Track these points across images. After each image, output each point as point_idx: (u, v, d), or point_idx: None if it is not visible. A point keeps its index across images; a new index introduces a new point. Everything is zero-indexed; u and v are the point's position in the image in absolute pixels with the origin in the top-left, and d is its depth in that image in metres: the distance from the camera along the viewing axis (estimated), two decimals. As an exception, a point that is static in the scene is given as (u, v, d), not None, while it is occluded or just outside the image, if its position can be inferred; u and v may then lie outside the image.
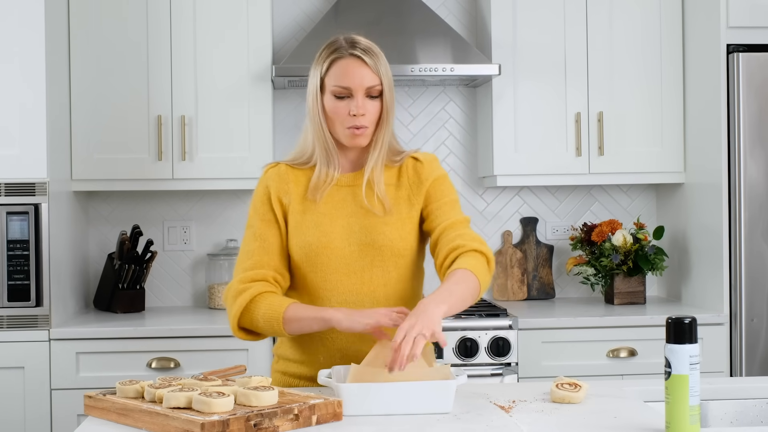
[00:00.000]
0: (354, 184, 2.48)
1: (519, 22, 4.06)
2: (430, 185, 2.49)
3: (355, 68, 2.40)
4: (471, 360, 3.67)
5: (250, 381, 2.12)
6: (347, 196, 2.47)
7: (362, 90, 2.40)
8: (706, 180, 3.92)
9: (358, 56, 2.41)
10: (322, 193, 2.46)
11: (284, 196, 2.48)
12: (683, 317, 1.85)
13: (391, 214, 2.45)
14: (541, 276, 4.38)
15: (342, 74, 2.41)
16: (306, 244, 2.43)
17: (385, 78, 2.43)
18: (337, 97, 2.41)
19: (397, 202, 2.47)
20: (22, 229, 3.52)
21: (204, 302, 4.30)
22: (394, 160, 2.51)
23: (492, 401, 2.22)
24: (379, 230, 2.42)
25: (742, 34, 3.77)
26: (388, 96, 2.44)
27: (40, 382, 3.54)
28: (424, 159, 2.53)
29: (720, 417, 2.31)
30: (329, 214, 2.45)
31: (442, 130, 4.42)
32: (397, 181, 2.49)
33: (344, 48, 2.42)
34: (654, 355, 3.74)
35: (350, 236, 2.43)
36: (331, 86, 2.41)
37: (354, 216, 2.44)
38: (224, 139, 3.94)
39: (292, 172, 2.51)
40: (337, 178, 2.48)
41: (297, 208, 2.47)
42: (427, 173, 2.50)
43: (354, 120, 2.40)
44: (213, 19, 3.94)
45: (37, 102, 3.53)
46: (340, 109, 2.41)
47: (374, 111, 2.43)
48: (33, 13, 3.52)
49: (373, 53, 2.43)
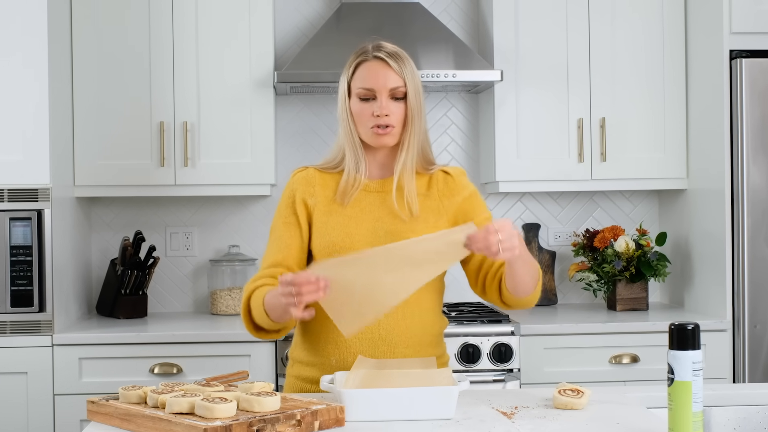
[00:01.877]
0: (383, 190, 2.49)
1: (521, 28, 4.07)
2: (464, 201, 2.52)
3: (378, 70, 2.44)
4: (473, 366, 3.66)
5: (253, 386, 2.12)
6: (375, 201, 2.48)
7: (385, 91, 2.43)
8: (709, 186, 3.92)
9: (381, 59, 2.45)
10: (350, 197, 2.48)
11: (309, 198, 2.50)
12: (686, 323, 1.85)
13: (419, 221, 2.46)
14: (544, 282, 4.38)
15: (366, 76, 2.45)
16: (330, 244, 2.44)
17: (410, 81, 2.45)
18: (362, 99, 2.45)
19: (425, 211, 2.48)
20: (25, 234, 3.53)
21: (206, 308, 4.30)
22: (426, 168, 2.54)
23: (494, 407, 2.21)
24: (405, 236, 2.42)
25: (745, 39, 3.77)
26: (413, 99, 2.45)
27: (43, 387, 3.54)
28: (454, 173, 2.56)
29: (723, 423, 2.31)
30: (356, 217, 2.46)
31: (444, 136, 4.42)
32: (427, 191, 2.51)
33: (369, 52, 2.47)
34: (656, 362, 3.74)
35: (375, 240, 2.43)
36: (356, 89, 2.46)
37: (380, 221, 2.46)
38: (226, 146, 3.95)
39: (320, 176, 2.53)
40: (365, 182, 2.49)
41: (323, 209, 2.48)
42: (458, 187, 2.53)
43: (377, 120, 2.43)
44: (215, 25, 3.95)
45: (40, 108, 3.54)
46: (364, 110, 2.44)
47: (399, 112, 2.45)
48: (36, 19, 3.53)
49: (399, 57, 2.46)
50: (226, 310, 4.10)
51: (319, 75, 3.85)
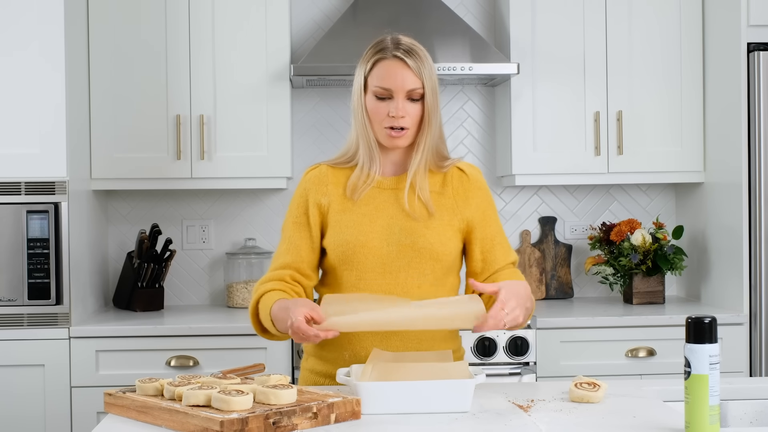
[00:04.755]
0: (396, 188, 2.48)
1: (538, 21, 4.06)
2: (476, 209, 2.50)
3: (396, 70, 2.41)
4: (489, 359, 3.66)
5: (269, 379, 2.13)
6: (389, 198, 2.47)
7: (403, 92, 2.41)
8: (726, 179, 3.90)
9: (400, 58, 2.41)
10: (361, 192, 2.46)
11: (323, 198, 2.49)
12: (703, 317, 1.84)
13: (433, 218, 2.45)
14: (560, 275, 4.37)
15: (384, 75, 2.41)
16: (343, 242, 2.44)
17: (428, 81, 2.42)
18: (378, 97, 2.42)
19: (439, 209, 2.47)
20: (42, 227, 3.54)
21: (222, 301, 4.32)
22: (440, 165, 2.51)
23: (510, 400, 2.21)
24: (419, 233, 2.42)
25: (762, 32, 3.75)
26: (431, 100, 2.43)
27: (60, 379, 3.55)
28: (470, 172, 2.54)
29: (740, 417, 2.30)
30: (369, 215, 2.45)
31: (461, 129, 4.41)
32: (441, 189, 2.50)
33: (388, 49, 2.43)
34: (673, 355, 3.73)
35: (389, 237, 2.43)
36: (373, 86, 2.43)
37: (394, 218, 2.45)
38: (243, 139, 3.95)
39: (333, 172, 2.52)
40: (377, 179, 2.48)
41: (337, 207, 2.47)
42: (473, 188, 2.53)
43: (392, 121, 2.41)
44: (231, 18, 3.95)
45: (57, 102, 3.55)
46: (380, 109, 2.42)
47: (415, 114, 2.42)
48: (52, 12, 3.54)
49: (418, 56, 2.42)
50: (243, 303, 4.11)
51: (336, 68, 3.85)
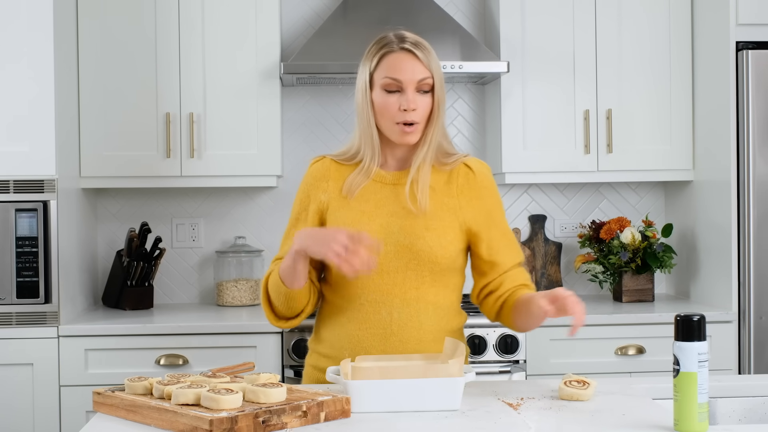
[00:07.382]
0: (398, 183, 2.45)
1: (528, 20, 4.06)
2: (479, 213, 2.45)
3: (406, 61, 2.39)
4: (479, 357, 3.67)
5: (259, 378, 2.13)
6: (389, 195, 2.43)
7: (413, 84, 2.38)
8: (715, 177, 3.91)
9: (409, 50, 2.39)
10: (354, 190, 2.43)
11: (322, 194, 2.47)
12: (692, 315, 1.85)
13: (434, 219, 2.41)
14: (550, 273, 4.38)
15: (393, 67, 2.39)
16: None
17: (436, 73, 2.41)
18: (387, 91, 2.39)
19: (441, 209, 2.43)
20: (31, 225, 3.53)
21: (212, 299, 4.31)
22: (444, 162, 2.46)
23: (500, 398, 2.22)
24: (418, 234, 2.39)
25: (751, 31, 3.76)
26: (439, 91, 2.41)
27: (48, 378, 3.55)
28: (477, 171, 2.48)
29: (728, 414, 2.31)
30: (368, 212, 2.42)
31: (451, 127, 4.41)
32: (446, 187, 2.45)
33: (394, 43, 2.41)
34: (662, 353, 3.74)
35: (387, 236, 2.39)
36: (381, 79, 2.39)
37: (394, 216, 2.41)
38: (232, 137, 3.95)
39: (336, 167, 2.49)
40: (375, 171, 2.44)
41: (336, 204, 2.45)
42: (478, 187, 2.47)
43: (404, 115, 2.37)
44: (221, 16, 3.95)
45: (45, 99, 3.54)
46: (390, 104, 2.38)
47: (425, 106, 2.40)
48: (41, 11, 3.52)
49: (424, 47, 2.42)
50: (232, 301, 4.11)
51: (326, 66, 3.84)
